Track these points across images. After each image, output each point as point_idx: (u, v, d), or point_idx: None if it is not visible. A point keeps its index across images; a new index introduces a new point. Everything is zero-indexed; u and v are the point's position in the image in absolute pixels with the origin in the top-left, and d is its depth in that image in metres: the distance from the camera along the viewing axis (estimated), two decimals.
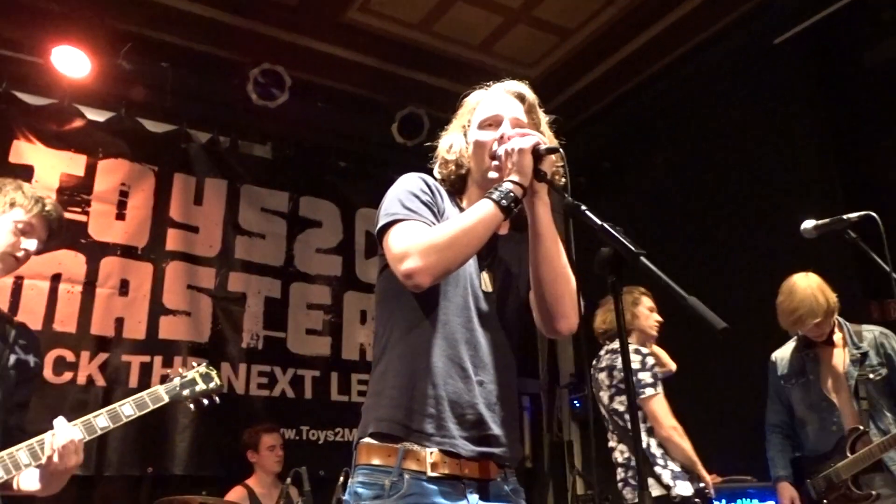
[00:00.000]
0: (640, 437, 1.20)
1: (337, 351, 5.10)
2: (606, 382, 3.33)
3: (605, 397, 3.35)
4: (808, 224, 2.49)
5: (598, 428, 3.47)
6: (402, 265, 1.53)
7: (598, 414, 3.44)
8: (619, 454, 3.31)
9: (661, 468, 3.11)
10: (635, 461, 2.63)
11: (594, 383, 3.42)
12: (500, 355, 1.65)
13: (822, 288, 3.06)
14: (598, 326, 3.50)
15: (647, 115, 5.42)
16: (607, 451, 3.39)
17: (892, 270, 2.14)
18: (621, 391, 3.24)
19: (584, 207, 1.46)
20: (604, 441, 3.42)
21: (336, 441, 4.83)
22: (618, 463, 3.32)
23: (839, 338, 3.21)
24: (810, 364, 3.25)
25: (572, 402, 5.64)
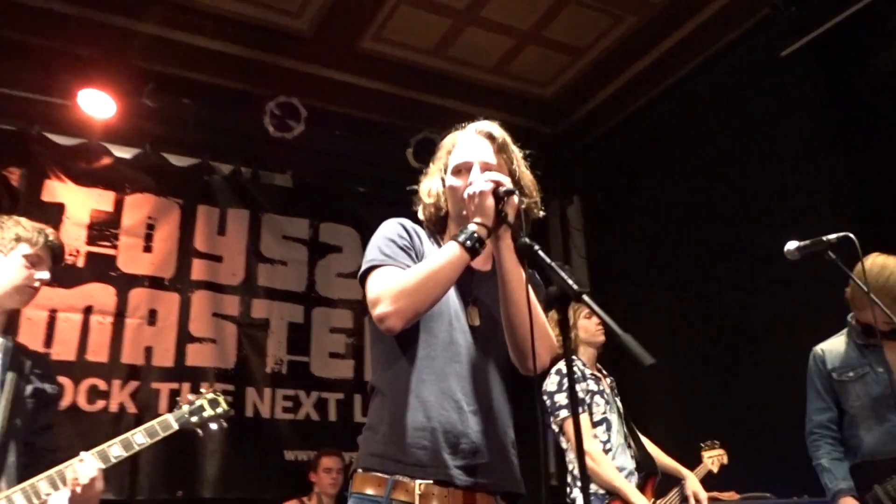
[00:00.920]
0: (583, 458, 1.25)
1: (360, 373, 5.21)
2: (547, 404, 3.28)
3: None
4: (791, 246, 2.49)
5: None
6: (375, 310, 1.64)
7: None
8: None
9: (577, 490, 3.03)
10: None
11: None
12: (491, 386, 1.73)
13: None
14: None
15: (660, 130, 5.46)
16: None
17: (868, 291, 2.16)
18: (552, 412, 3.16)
19: (537, 248, 1.52)
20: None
21: None
22: None
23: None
24: (871, 356, 2.92)
25: None
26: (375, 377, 1.77)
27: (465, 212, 1.73)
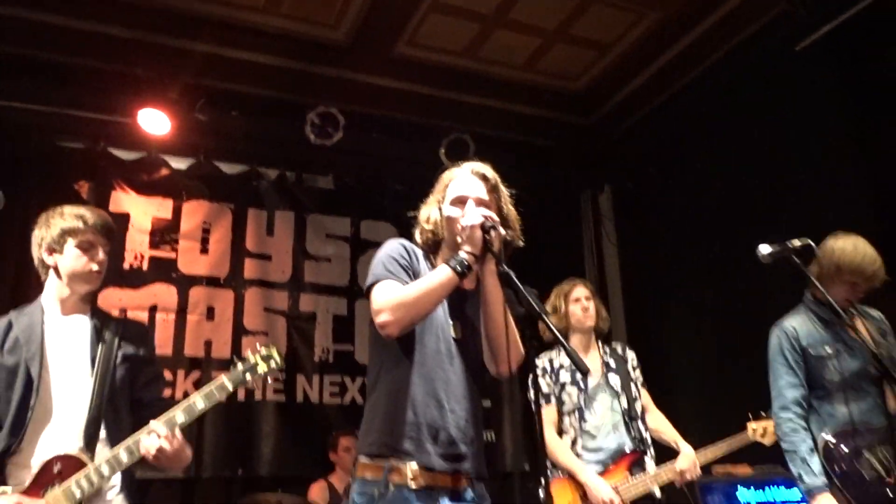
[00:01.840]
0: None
1: None
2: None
3: None
4: (764, 250, 2.66)
5: None
6: (378, 318, 1.98)
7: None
8: None
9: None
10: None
11: None
12: (467, 388, 2.06)
13: None
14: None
15: (686, 121, 5.58)
16: None
17: (825, 292, 2.37)
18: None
19: (512, 275, 1.84)
20: None
21: None
22: None
23: (853, 311, 3.04)
24: (844, 333, 3.02)
25: None
26: (372, 377, 2.12)
27: (458, 238, 2.05)
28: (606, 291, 6.35)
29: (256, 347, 2.38)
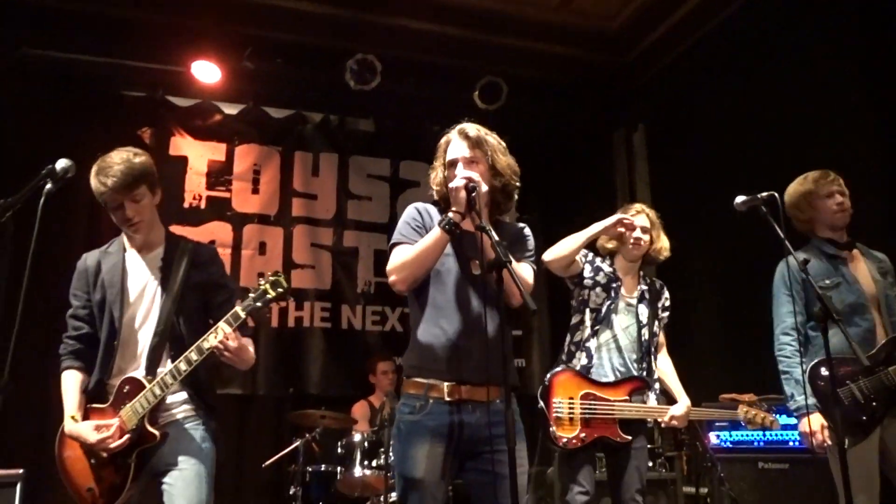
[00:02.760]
0: None
1: None
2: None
3: None
4: (739, 200, 2.87)
5: None
6: (390, 279, 2.37)
7: None
8: None
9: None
10: None
11: None
12: (491, 315, 2.37)
13: None
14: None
15: (718, 61, 5.61)
16: None
17: (784, 238, 2.62)
18: None
19: (488, 228, 2.18)
20: None
21: None
22: None
23: (857, 251, 3.27)
24: (842, 268, 3.23)
25: None
26: (412, 313, 2.50)
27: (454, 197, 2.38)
28: None
29: (266, 275, 2.43)
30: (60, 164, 2.20)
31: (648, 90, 6.42)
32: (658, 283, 3.67)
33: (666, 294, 3.66)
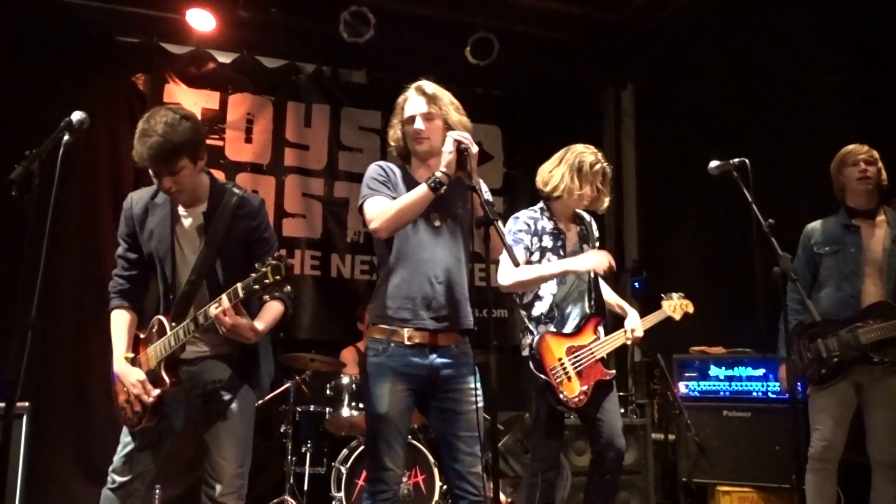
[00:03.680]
0: None
1: None
2: None
3: None
4: (712, 164, 3.04)
5: None
6: (371, 226, 2.53)
7: None
8: None
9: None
10: None
11: None
12: (452, 264, 2.61)
13: None
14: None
15: (708, 22, 5.71)
16: None
17: (753, 201, 2.81)
18: None
19: (476, 186, 2.36)
20: None
21: None
22: None
23: (882, 219, 3.46)
24: (850, 236, 3.46)
25: (633, 284, 6.42)
26: (378, 263, 2.70)
27: (417, 148, 2.62)
28: (622, 188, 6.73)
29: (270, 259, 2.33)
30: (76, 116, 2.29)
31: (639, 49, 6.51)
32: (586, 215, 3.57)
33: (594, 224, 3.59)
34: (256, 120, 5.80)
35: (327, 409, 4.72)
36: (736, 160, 2.88)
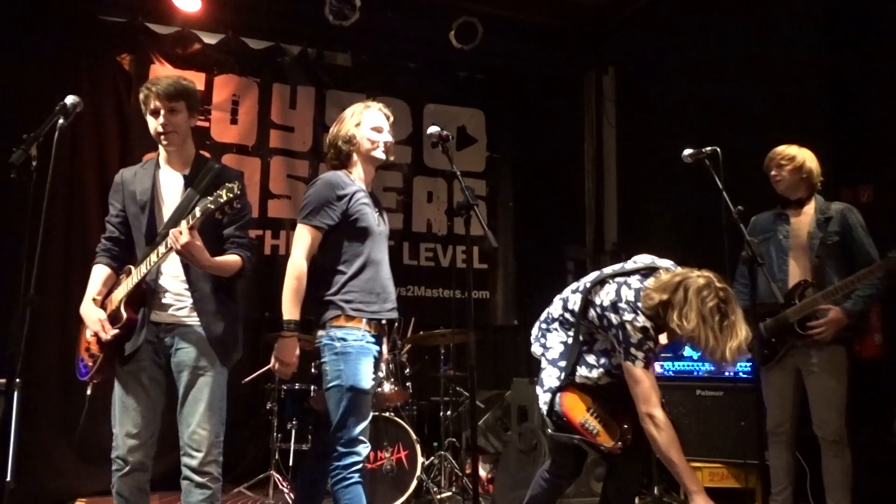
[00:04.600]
0: None
1: (408, 225, 6.31)
2: None
3: None
4: (686, 152, 3.17)
5: None
6: (291, 254, 3.01)
7: None
8: None
9: None
10: None
11: None
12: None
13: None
14: None
15: (689, 8, 5.82)
16: None
17: (723, 188, 2.94)
18: None
19: (458, 174, 2.47)
20: None
21: (407, 296, 6.08)
22: None
23: (811, 207, 3.71)
24: (780, 223, 3.75)
25: None
26: (345, 258, 2.89)
27: (372, 153, 2.94)
28: (603, 172, 6.85)
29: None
30: (69, 99, 2.39)
31: (620, 34, 6.58)
32: None
33: None
34: (242, 101, 5.84)
35: (312, 387, 4.81)
36: (708, 149, 3.01)
